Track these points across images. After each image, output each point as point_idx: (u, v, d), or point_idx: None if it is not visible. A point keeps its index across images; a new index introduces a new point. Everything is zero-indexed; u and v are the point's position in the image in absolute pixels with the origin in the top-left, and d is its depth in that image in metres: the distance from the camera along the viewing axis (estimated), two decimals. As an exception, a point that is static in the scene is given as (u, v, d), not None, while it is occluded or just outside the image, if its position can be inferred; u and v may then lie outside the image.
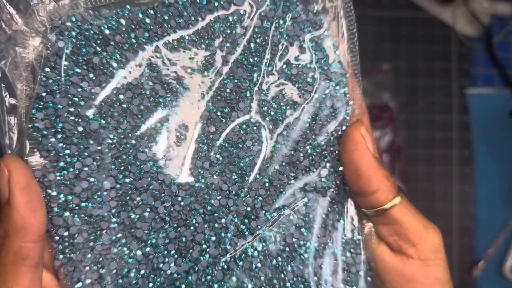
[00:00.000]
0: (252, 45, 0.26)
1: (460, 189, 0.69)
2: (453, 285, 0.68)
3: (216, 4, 0.26)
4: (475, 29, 0.71)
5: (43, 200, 0.23)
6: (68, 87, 0.24)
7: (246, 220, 0.25)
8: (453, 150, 0.69)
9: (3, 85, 0.24)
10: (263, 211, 0.25)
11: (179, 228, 0.25)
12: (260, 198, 0.25)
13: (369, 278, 0.27)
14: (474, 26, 0.71)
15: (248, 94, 0.26)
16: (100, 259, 0.25)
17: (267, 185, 0.26)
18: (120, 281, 0.25)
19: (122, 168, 0.25)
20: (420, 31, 0.71)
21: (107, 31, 0.25)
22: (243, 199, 0.25)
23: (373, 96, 0.68)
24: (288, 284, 0.25)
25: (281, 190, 0.26)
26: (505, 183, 0.69)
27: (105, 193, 0.24)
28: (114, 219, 0.24)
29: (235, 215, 0.25)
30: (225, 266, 0.25)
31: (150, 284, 0.25)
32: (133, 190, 0.25)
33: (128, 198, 0.25)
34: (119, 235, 0.25)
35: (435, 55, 0.70)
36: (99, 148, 0.24)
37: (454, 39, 0.71)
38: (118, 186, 0.25)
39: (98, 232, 0.24)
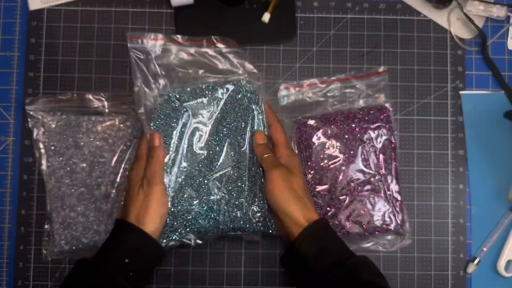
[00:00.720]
0: (228, 106, 0.61)
1: (454, 188, 0.70)
2: (448, 281, 0.69)
3: (215, 89, 0.61)
4: (470, 32, 0.72)
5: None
6: (165, 120, 0.60)
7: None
8: (448, 150, 0.70)
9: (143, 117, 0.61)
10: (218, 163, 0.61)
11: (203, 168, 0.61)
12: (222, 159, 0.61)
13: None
14: (469, 29, 0.72)
15: (228, 125, 0.61)
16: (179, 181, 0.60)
17: (227, 150, 0.61)
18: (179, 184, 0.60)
19: (184, 150, 0.61)
20: (416, 34, 0.72)
21: (179, 96, 0.61)
22: (219, 161, 0.61)
23: (370, 98, 0.69)
24: (230, 187, 0.60)
25: (232, 152, 0.61)
26: (498, 182, 0.70)
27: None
28: (175, 169, 0.60)
29: (217, 165, 0.61)
30: (213, 180, 0.60)
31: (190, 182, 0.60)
32: (192, 164, 0.61)
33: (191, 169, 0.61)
34: (184, 175, 0.61)
35: (430, 58, 0.71)
36: (176, 142, 0.60)
37: (449, 41, 0.72)
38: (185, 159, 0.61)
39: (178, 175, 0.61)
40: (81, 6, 0.71)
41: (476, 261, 0.68)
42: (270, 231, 0.61)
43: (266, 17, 0.70)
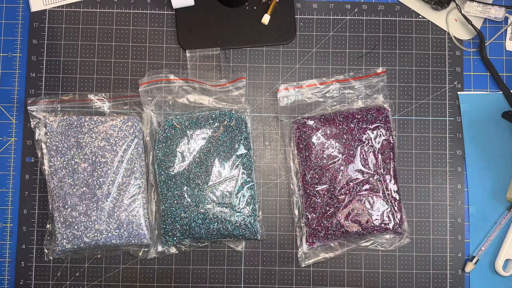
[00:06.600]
0: (220, 131, 0.68)
1: (453, 187, 0.70)
2: (447, 280, 0.70)
3: (210, 117, 0.68)
4: (468, 33, 0.72)
5: None
6: (167, 142, 0.68)
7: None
8: (446, 150, 0.71)
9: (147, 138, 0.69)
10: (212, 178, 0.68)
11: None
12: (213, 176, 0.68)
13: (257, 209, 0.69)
14: (467, 30, 0.72)
15: (220, 146, 0.68)
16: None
17: (219, 169, 0.68)
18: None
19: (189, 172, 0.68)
20: (414, 35, 0.72)
21: (179, 122, 0.68)
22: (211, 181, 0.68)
23: (369, 98, 0.69)
24: (223, 198, 0.67)
25: (224, 168, 0.67)
26: (496, 181, 0.70)
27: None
28: (177, 181, 0.68)
29: (211, 179, 0.67)
30: (207, 191, 0.67)
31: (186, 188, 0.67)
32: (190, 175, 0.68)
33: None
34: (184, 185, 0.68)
35: (429, 58, 0.72)
36: (177, 160, 0.68)
37: (448, 42, 0.72)
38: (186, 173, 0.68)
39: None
40: (82, 8, 0.72)
41: (474, 260, 0.68)
42: (257, 236, 0.67)
43: (266, 18, 0.71)
